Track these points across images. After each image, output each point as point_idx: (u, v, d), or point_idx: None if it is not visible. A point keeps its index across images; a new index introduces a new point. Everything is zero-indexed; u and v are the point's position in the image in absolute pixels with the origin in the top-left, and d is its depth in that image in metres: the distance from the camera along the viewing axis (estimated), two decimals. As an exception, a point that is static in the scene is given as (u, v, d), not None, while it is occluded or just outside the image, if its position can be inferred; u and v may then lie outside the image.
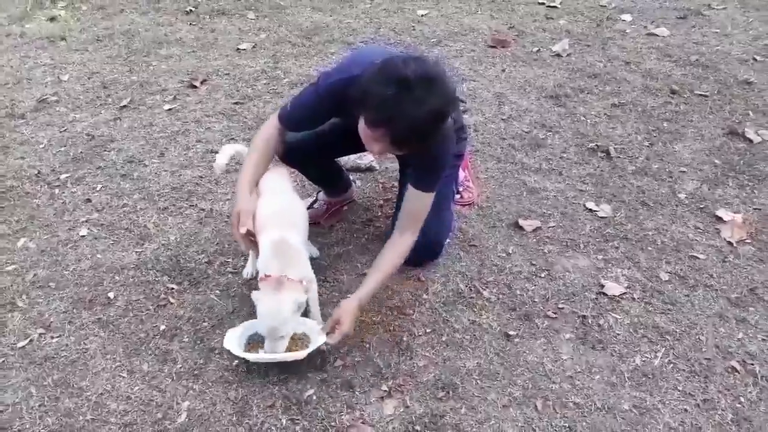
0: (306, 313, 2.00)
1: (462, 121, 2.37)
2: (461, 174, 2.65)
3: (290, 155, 2.30)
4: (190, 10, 4.59)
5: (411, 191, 2.04)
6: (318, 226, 2.50)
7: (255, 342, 2.00)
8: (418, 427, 1.79)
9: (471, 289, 2.25)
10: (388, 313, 2.15)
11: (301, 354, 1.89)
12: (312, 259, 2.22)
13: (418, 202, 2.05)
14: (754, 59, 3.79)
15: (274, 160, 2.20)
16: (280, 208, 2.09)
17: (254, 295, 1.90)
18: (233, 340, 1.95)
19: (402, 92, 1.69)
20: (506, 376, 1.94)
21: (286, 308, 1.84)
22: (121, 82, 3.71)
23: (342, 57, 3.17)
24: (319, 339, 1.93)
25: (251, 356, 1.91)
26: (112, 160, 3.00)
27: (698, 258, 2.38)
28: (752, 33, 4.11)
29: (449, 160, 2.05)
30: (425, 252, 2.32)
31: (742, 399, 1.87)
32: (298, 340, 1.97)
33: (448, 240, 2.39)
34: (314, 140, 2.24)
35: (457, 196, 2.65)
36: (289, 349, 1.92)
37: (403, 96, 1.69)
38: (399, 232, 2.07)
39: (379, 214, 2.61)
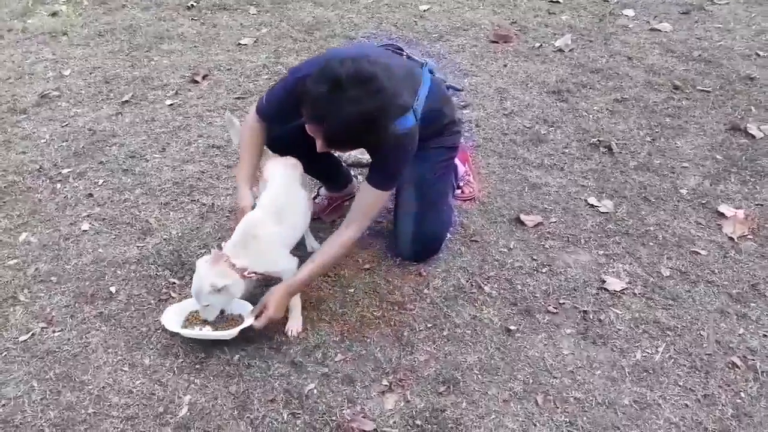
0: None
1: (455, 115, 2.37)
2: (461, 168, 2.65)
3: (273, 146, 2.31)
4: (192, 5, 4.59)
5: (364, 184, 2.07)
6: (319, 221, 2.50)
7: (194, 317, 2.07)
8: (418, 422, 1.79)
9: (472, 284, 2.25)
10: (389, 307, 2.16)
11: (226, 333, 1.98)
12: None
13: (368, 197, 2.06)
14: (757, 54, 3.77)
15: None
16: (275, 201, 2.11)
17: (199, 261, 2.01)
18: (171, 315, 2.05)
19: (334, 92, 1.74)
20: (507, 371, 1.94)
21: (204, 285, 1.93)
22: (122, 77, 3.71)
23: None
24: (247, 321, 2.00)
25: (183, 332, 2.01)
26: (113, 155, 3.00)
27: (700, 253, 2.37)
28: (755, 28, 4.10)
29: (403, 167, 2.06)
30: (425, 247, 2.32)
31: (742, 394, 1.87)
32: (232, 321, 2.05)
33: (448, 235, 2.38)
34: (297, 132, 2.22)
35: (458, 191, 2.66)
36: (221, 329, 2.03)
37: (335, 96, 1.74)
38: (345, 224, 2.08)
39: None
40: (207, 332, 2.01)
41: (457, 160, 2.63)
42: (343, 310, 2.15)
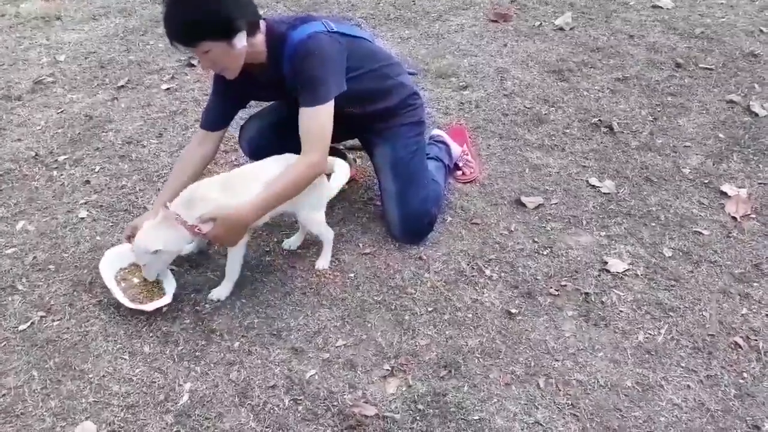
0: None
1: (413, 87, 2.38)
2: (458, 149, 2.63)
3: (251, 150, 2.39)
4: (187, -12, 4.52)
5: (300, 113, 2.04)
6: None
7: (129, 272, 2.15)
8: (420, 406, 1.79)
9: (473, 268, 2.23)
10: (390, 292, 2.14)
11: (136, 306, 2.04)
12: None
13: (308, 120, 2.03)
14: (761, 31, 3.72)
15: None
16: (230, 173, 2.16)
17: (146, 222, 2.05)
18: (114, 258, 2.14)
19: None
20: (508, 354, 1.93)
21: (142, 246, 2.00)
22: (118, 62, 3.67)
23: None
24: (165, 299, 2.06)
25: (108, 282, 2.08)
26: (110, 141, 2.98)
27: (702, 233, 2.36)
28: (758, 4, 4.04)
29: (323, 73, 2.04)
30: (414, 226, 2.31)
31: (745, 375, 1.86)
32: (150, 293, 2.11)
33: (436, 210, 2.35)
34: (270, 129, 2.32)
35: (459, 173, 2.63)
36: (144, 294, 2.10)
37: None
38: (302, 153, 2.05)
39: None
40: (124, 299, 2.05)
41: (451, 141, 2.62)
42: (344, 295, 2.13)
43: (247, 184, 2.04)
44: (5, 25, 4.17)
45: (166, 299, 2.07)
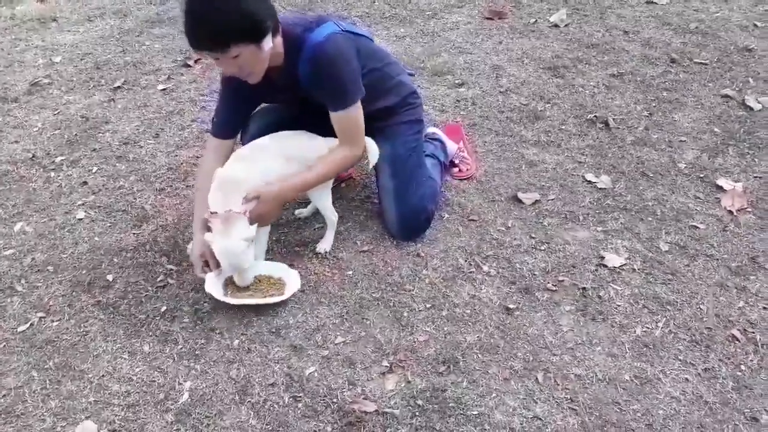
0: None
1: (412, 85, 2.42)
2: (453, 146, 2.63)
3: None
4: (182, -12, 4.52)
5: (332, 117, 2.11)
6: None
7: (233, 283, 2.12)
8: (419, 402, 1.79)
9: (470, 264, 2.24)
10: (388, 289, 2.15)
11: (277, 298, 2.06)
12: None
13: (341, 123, 2.12)
14: (755, 25, 3.74)
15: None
16: (241, 151, 2.17)
17: (207, 236, 1.99)
18: (213, 284, 2.08)
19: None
20: (507, 350, 1.94)
21: (237, 247, 1.96)
22: (114, 63, 3.67)
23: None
24: (292, 286, 2.09)
25: (233, 300, 2.05)
26: (107, 142, 2.98)
27: (698, 227, 2.37)
28: (752, -2, 4.05)
29: (347, 74, 2.07)
30: (411, 223, 2.32)
31: (743, 367, 1.87)
32: (273, 285, 2.13)
33: (433, 208, 2.36)
34: (271, 128, 2.29)
35: (455, 170, 2.64)
36: (267, 290, 2.11)
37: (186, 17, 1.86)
38: (339, 145, 2.16)
39: (378, 190, 2.59)
40: (261, 299, 2.06)
41: (446, 138, 2.63)
42: (342, 293, 2.14)
43: (262, 156, 2.12)
44: (1, 27, 4.17)
45: (295, 276, 2.12)
